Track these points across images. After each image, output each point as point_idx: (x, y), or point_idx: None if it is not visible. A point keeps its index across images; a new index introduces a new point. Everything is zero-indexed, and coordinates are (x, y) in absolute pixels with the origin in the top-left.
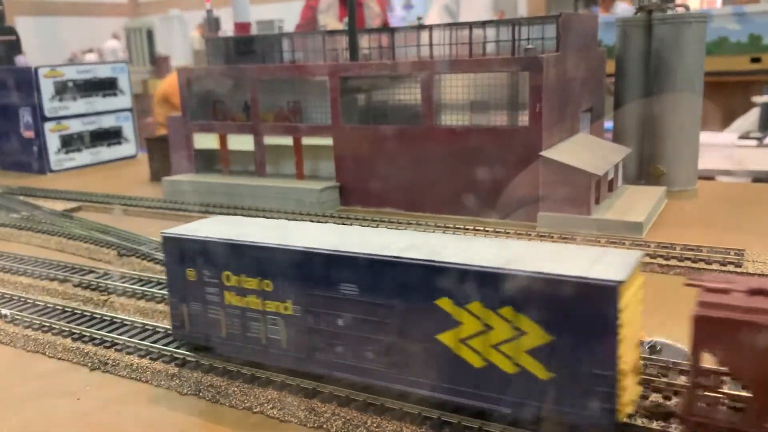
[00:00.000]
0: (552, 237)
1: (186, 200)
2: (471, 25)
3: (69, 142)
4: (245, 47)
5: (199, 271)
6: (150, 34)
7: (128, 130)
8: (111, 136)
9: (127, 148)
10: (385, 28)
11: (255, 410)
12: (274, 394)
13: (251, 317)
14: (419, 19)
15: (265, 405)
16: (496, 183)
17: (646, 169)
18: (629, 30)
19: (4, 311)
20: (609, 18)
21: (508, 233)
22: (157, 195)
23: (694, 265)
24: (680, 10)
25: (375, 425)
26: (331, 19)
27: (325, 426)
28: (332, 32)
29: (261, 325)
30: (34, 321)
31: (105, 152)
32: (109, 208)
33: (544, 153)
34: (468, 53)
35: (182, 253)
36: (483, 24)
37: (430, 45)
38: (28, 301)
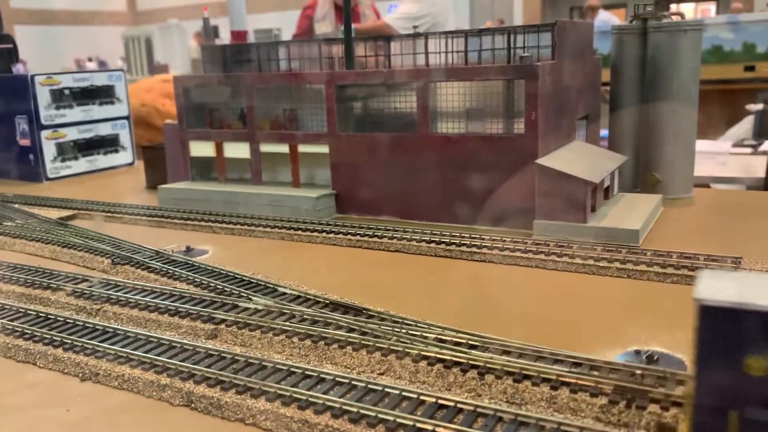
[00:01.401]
0: (548, 245)
1: (182, 208)
2: (467, 33)
3: (65, 150)
4: (241, 55)
5: None
6: (149, 43)
7: (125, 138)
8: (107, 144)
9: (124, 156)
10: (381, 37)
11: (248, 422)
12: (267, 406)
13: None
14: (415, 27)
15: (258, 416)
16: (492, 191)
17: (642, 176)
18: (625, 38)
19: None
20: (604, 26)
21: (504, 241)
22: (152, 203)
23: (691, 273)
24: (675, 18)
25: None
26: (327, 27)
27: None
28: (328, 40)
29: None
30: (26, 330)
31: (101, 160)
32: (105, 215)
33: (539, 161)
34: (464, 61)
35: (741, 332)
36: (479, 32)
37: (426, 53)
38: (20, 310)
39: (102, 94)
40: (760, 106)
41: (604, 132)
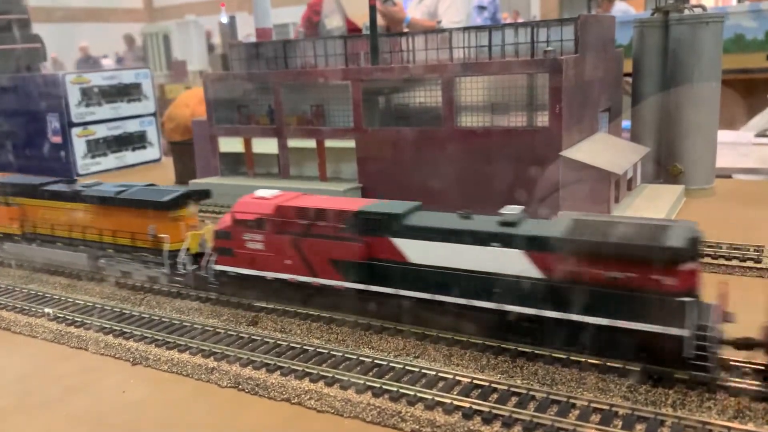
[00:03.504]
0: None
1: (212, 202)
2: (490, 29)
3: (95, 147)
4: (268, 52)
5: None
6: (167, 39)
7: (152, 134)
8: (135, 140)
9: (151, 152)
10: (406, 33)
11: (293, 401)
12: (311, 386)
13: None
14: (439, 23)
15: (303, 396)
16: (517, 182)
17: (664, 167)
18: (646, 30)
19: (47, 309)
20: (621, 17)
21: None
22: None
23: (714, 261)
24: (697, 10)
25: (408, 414)
26: (337, 22)
27: (360, 416)
28: (354, 36)
29: None
30: (76, 318)
31: (130, 156)
32: None
33: (564, 153)
34: (487, 56)
35: None
36: (502, 27)
37: (450, 48)
38: (69, 299)
39: (130, 92)
40: None
41: (626, 123)
